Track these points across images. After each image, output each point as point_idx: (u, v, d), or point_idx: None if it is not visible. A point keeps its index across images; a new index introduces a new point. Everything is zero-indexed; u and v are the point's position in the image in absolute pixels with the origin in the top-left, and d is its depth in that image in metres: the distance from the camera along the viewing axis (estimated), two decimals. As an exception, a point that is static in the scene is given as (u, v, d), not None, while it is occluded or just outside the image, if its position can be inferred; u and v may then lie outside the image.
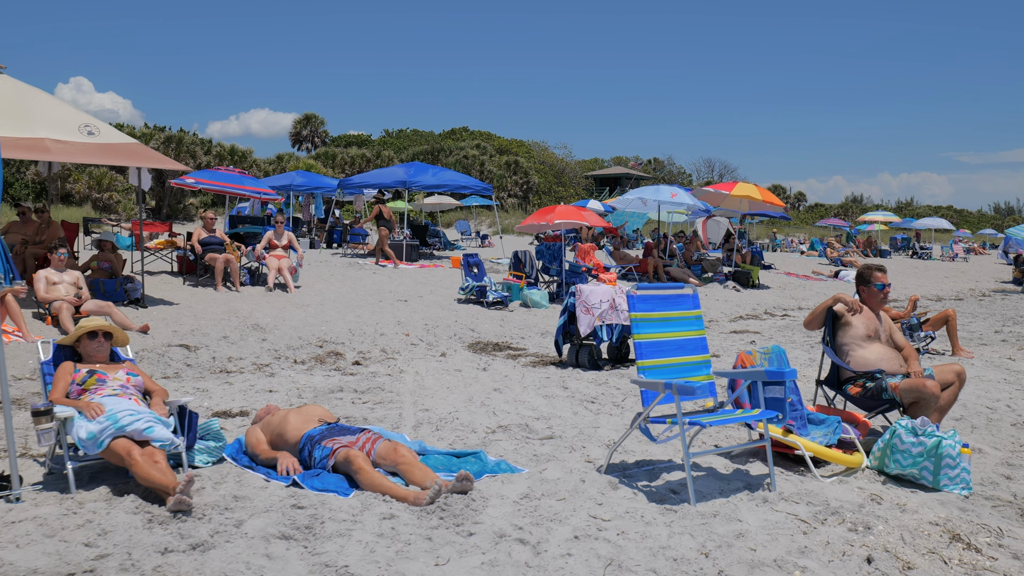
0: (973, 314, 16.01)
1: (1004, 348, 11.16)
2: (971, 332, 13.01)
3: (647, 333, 4.93)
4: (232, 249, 13.33)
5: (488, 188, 20.65)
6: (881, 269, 6.23)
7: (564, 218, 14.28)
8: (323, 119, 68.48)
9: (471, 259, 14.16)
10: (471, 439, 5.95)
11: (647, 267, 18.29)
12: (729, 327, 13.34)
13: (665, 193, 18.24)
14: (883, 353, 5.93)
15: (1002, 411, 7.27)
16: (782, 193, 77.13)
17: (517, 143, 72.38)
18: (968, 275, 27.97)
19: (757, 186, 19.07)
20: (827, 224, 42.55)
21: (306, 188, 24.20)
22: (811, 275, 22.97)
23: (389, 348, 10.19)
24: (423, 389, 7.93)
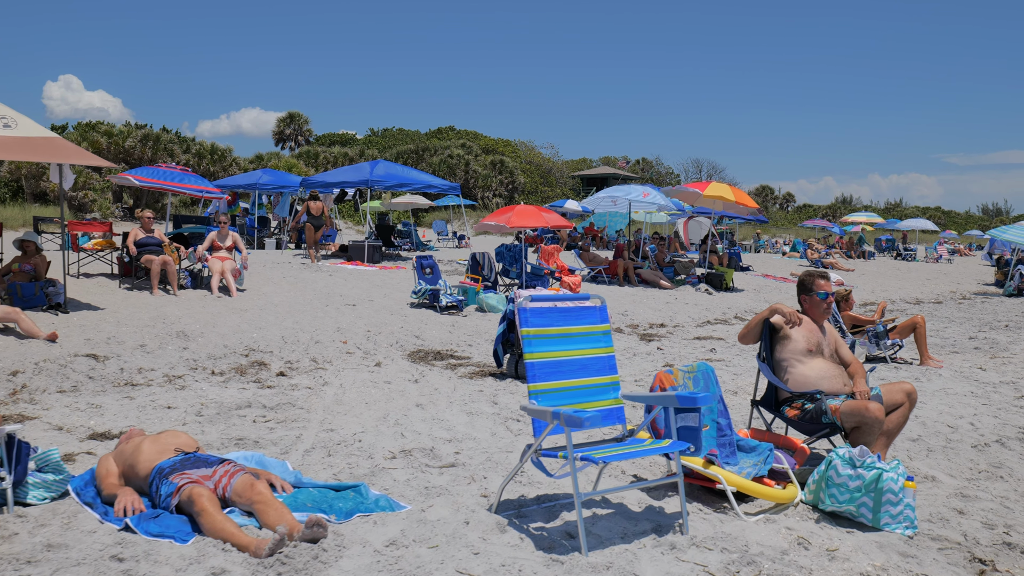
0: (950, 318, 15.43)
1: (976, 356, 10.56)
2: (944, 338, 12.42)
3: (542, 352, 4.28)
4: (171, 250, 12.64)
5: (456, 187, 20.00)
6: (824, 276, 5.60)
7: (522, 218, 13.64)
8: (307, 118, 67.73)
9: (424, 261, 13.50)
10: (362, 467, 5.30)
11: (617, 269, 17.66)
12: (694, 332, 12.73)
13: (637, 192, 17.63)
14: (825, 370, 5.30)
15: (964, 430, 6.65)
16: (770, 194, 76.78)
17: (504, 143, 71.73)
18: (951, 277, 27.44)
19: (731, 186, 18.47)
20: (813, 225, 41.96)
21: (272, 187, 23.49)
22: (789, 277, 22.38)
23: (321, 357, 9.53)
24: (339, 405, 7.28)
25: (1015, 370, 9.54)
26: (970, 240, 53.06)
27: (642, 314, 14.35)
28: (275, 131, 67.26)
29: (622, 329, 12.71)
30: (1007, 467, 5.68)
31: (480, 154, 63.26)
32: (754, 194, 75.54)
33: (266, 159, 54.99)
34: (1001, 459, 5.88)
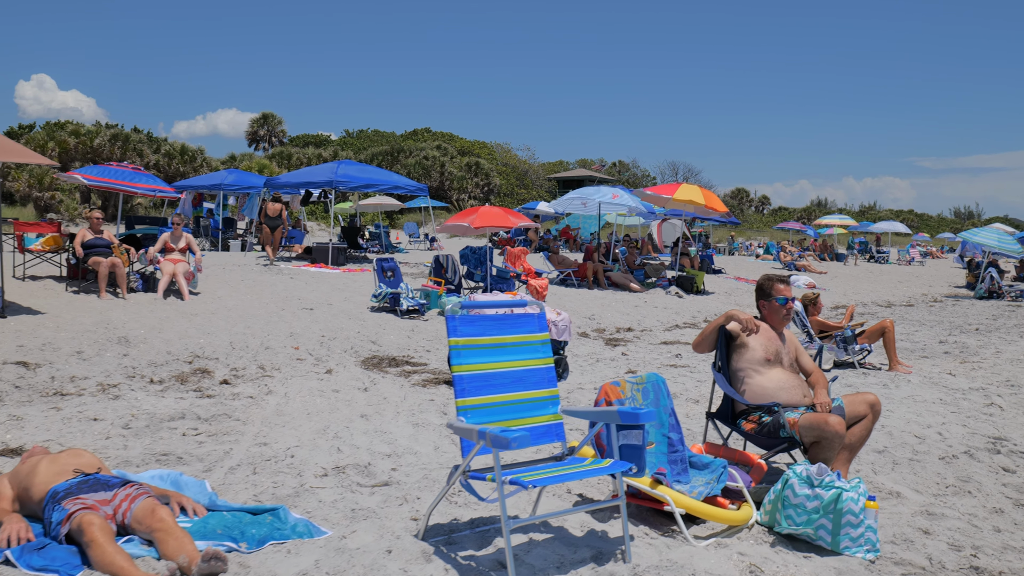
0: (921, 322, 15.24)
1: (946, 361, 10.32)
2: (915, 343, 12.20)
3: (472, 363, 3.92)
4: (120, 252, 12.16)
5: (424, 189, 19.59)
6: (783, 281, 5.29)
7: (486, 219, 13.29)
8: (281, 119, 66.97)
9: (385, 263, 13.11)
10: (287, 486, 4.91)
11: (586, 272, 17.34)
12: (661, 337, 12.42)
13: (606, 194, 17.33)
14: (783, 380, 4.98)
15: (932, 441, 6.36)
16: (745, 197, 76.93)
17: (480, 144, 71.37)
18: (922, 280, 27.38)
19: (701, 188, 18.22)
20: (787, 227, 41.92)
21: (238, 188, 22.97)
22: (761, 280, 22.16)
23: (270, 364, 9.11)
24: (279, 416, 6.89)
25: (985, 375, 9.30)
26: (942, 243, 53.31)
27: (609, 318, 14.03)
28: (248, 132, 66.47)
29: (588, 334, 12.38)
30: (975, 481, 5.39)
31: (456, 156, 62.89)
32: (729, 197, 75.66)
33: (239, 160, 54.27)
34: (969, 472, 5.59)
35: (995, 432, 6.74)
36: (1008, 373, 9.53)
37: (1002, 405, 7.80)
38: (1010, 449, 6.24)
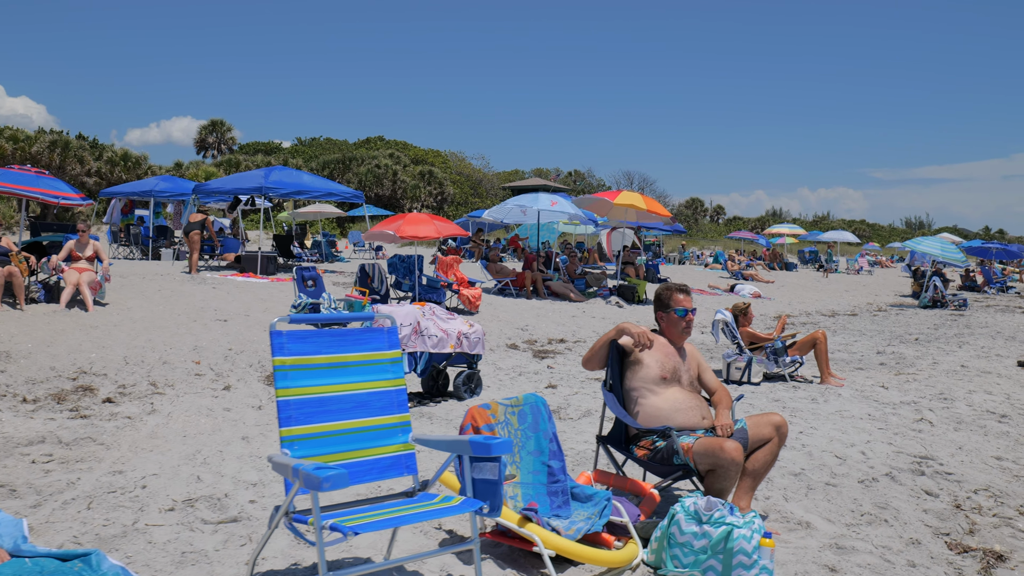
0: (862, 331, 14.97)
1: (880, 373, 9.98)
2: (852, 353, 11.87)
3: (302, 386, 3.37)
4: (18, 260, 11.39)
5: (359, 195, 18.97)
6: (683, 290, 4.81)
7: (413, 226, 12.74)
8: (230, 125, 65.78)
9: (306, 272, 12.50)
10: (119, 524, 4.31)
11: (524, 281, 16.86)
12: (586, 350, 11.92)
13: (545, 201, 16.87)
14: (680, 401, 4.50)
15: (853, 461, 5.93)
16: (700, 206, 77.17)
17: (434, 153, 70.83)
18: (869, 288, 27.35)
19: (643, 195, 17.85)
20: (738, 237, 41.93)
21: (169, 194, 22.16)
22: (707, 289, 21.88)
23: (163, 380, 8.46)
24: (152, 439, 6.27)
25: (918, 388, 8.95)
26: (892, 252, 53.82)
27: (543, 329, 13.54)
28: (197, 139, 65.13)
29: (517, 345, 11.87)
30: (893, 508, 4.95)
31: (409, 164, 62.26)
32: (684, 206, 75.89)
33: (185, 168, 53.06)
34: (888, 497, 5.15)
35: (922, 451, 6.34)
36: (942, 386, 9.20)
37: (932, 420, 7.42)
38: (935, 470, 5.83)
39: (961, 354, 11.98)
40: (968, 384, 9.40)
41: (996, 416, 7.82)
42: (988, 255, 31.29)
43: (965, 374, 10.11)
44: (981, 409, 8.09)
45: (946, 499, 5.22)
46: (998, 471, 5.98)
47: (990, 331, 15.60)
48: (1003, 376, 10.10)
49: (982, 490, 5.45)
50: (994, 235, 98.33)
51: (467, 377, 8.07)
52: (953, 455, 6.31)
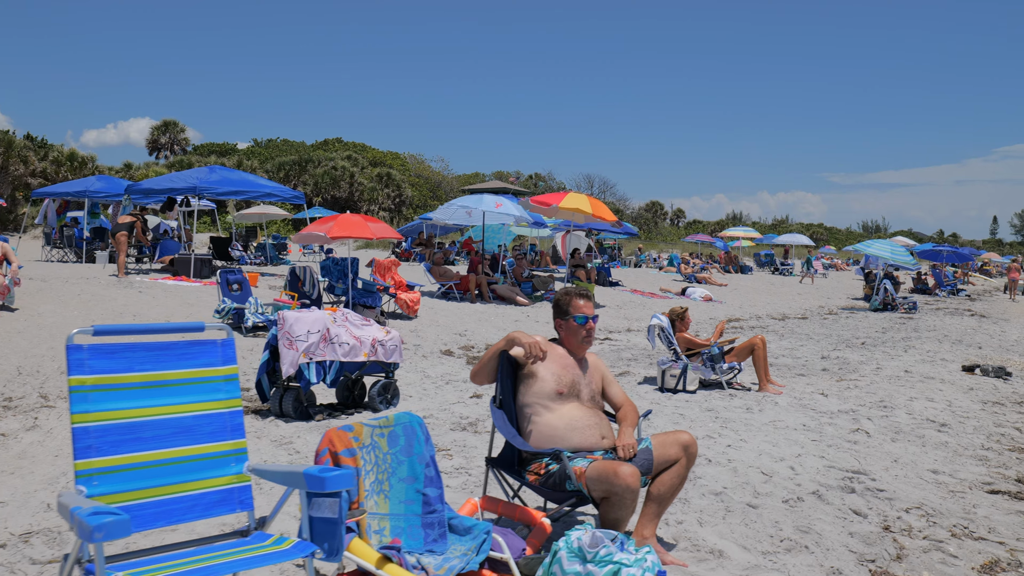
0: (809, 335, 14.69)
1: (822, 379, 9.65)
2: (796, 358, 11.55)
3: (107, 410, 2.86)
4: (-83, 264, 10.68)
5: (300, 196, 18.36)
6: (584, 295, 4.36)
7: (345, 228, 12.20)
8: (184, 126, 64.51)
9: (231, 275, 11.90)
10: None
11: (468, 284, 16.38)
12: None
13: (489, 203, 16.41)
14: (578, 418, 4.05)
15: (780, 478, 5.54)
16: (659, 210, 77.27)
17: (392, 155, 70.13)
18: (823, 291, 27.28)
19: (589, 197, 17.46)
20: (695, 240, 41.87)
21: (104, 195, 21.34)
22: (658, 292, 21.57)
23: (57, 392, 7.83)
24: (20, 459, 5.69)
25: (858, 395, 8.62)
26: (848, 255, 54.16)
27: (483, 334, 13.08)
28: (149, 140, 63.77)
29: (453, 351, 11.38)
30: (816, 531, 4.55)
31: (367, 166, 61.57)
32: (644, 209, 75.93)
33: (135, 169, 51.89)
34: (812, 520, 4.75)
35: (854, 464, 5.97)
36: (884, 392, 8.88)
37: (869, 431, 7.07)
38: (867, 486, 5.45)
39: (906, 359, 11.73)
40: (910, 391, 9.10)
41: (936, 425, 7.50)
42: (939, 258, 31.43)
43: (908, 380, 9.82)
44: (921, 417, 7.77)
45: (875, 520, 4.83)
46: (933, 486, 5.62)
47: (937, 335, 15.43)
48: (946, 382, 9.83)
49: (914, 508, 5.08)
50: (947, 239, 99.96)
51: (383, 387, 7.57)
52: (887, 469, 5.94)
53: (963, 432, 7.33)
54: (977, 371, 10.70)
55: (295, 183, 57.59)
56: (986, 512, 5.13)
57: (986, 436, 7.27)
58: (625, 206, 76.96)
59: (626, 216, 73.01)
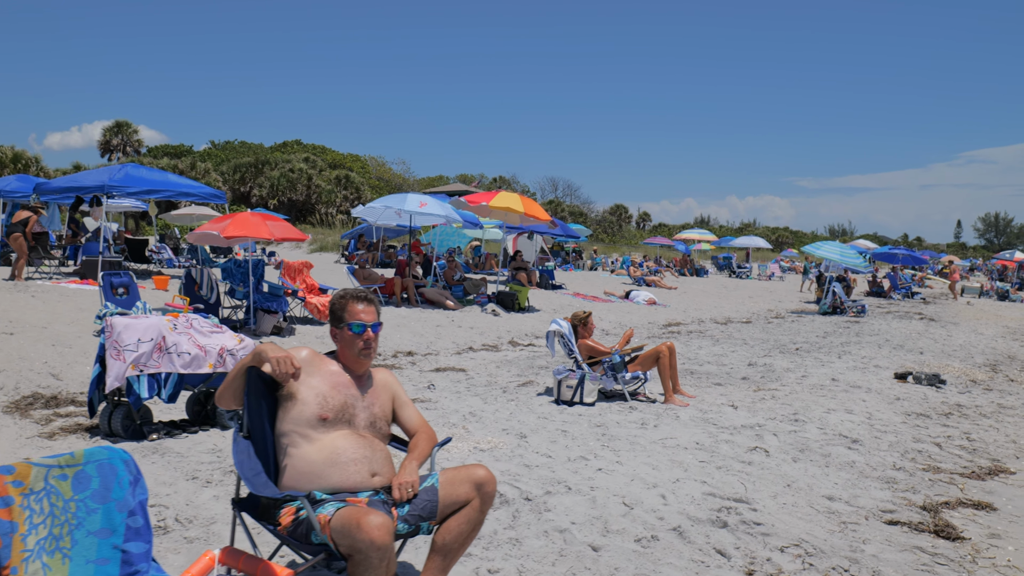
0: (745, 340, 14.01)
1: (738, 389, 8.94)
2: (722, 365, 10.84)
3: None
4: None
5: (220, 195, 17.41)
6: (363, 298, 3.56)
7: (241, 227, 11.32)
8: (137, 127, 62.64)
9: (115, 278, 10.99)
10: None
11: (394, 288, 15.54)
12: (443, 362, 10.68)
13: (413, 202, 15.59)
14: (344, 450, 3.26)
15: (644, 510, 4.77)
16: (624, 213, 76.76)
17: (352, 158, 69.11)
18: (776, 294, 26.74)
19: (522, 197, 16.70)
20: (654, 243, 41.31)
21: (21, 195, 20.23)
22: (602, 296, 20.85)
23: None
24: None
25: (771, 408, 7.91)
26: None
27: (397, 340, 12.26)
28: (100, 141, 61.97)
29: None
30: (659, 582, 3.78)
31: (325, 169, 60.53)
32: (608, 212, 75.40)
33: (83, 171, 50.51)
34: (661, 564, 3.99)
35: (738, 491, 5.23)
36: (801, 403, 8.19)
37: (770, 448, 6.35)
38: (743, 519, 4.70)
39: (838, 365, 11.06)
40: (830, 401, 8.41)
41: (847, 441, 6.80)
42: (895, 261, 31.05)
43: (832, 389, 9.14)
44: (833, 432, 7.06)
45: (739, 562, 4.08)
46: (823, 517, 4.89)
47: (880, 339, 14.83)
48: (872, 391, 9.16)
49: (791, 546, 4.34)
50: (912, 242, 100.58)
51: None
52: (776, 496, 5.20)
53: (876, 449, 6.63)
54: (910, 379, 10.06)
55: (250, 185, 56.46)
56: (876, 550, 4.41)
57: (901, 453, 6.57)
58: (589, 209, 76.49)
59: (590, 219, 72.47)
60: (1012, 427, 7.93)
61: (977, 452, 6.85)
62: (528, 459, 5.76)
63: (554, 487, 5.10)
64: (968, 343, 15.01)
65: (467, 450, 5.96)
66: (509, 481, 5.20)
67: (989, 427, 7.84)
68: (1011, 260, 47.90)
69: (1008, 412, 8.65)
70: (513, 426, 6.81)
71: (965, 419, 8.14)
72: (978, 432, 7.58)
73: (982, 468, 6.32)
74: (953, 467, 6.31)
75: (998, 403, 9.14)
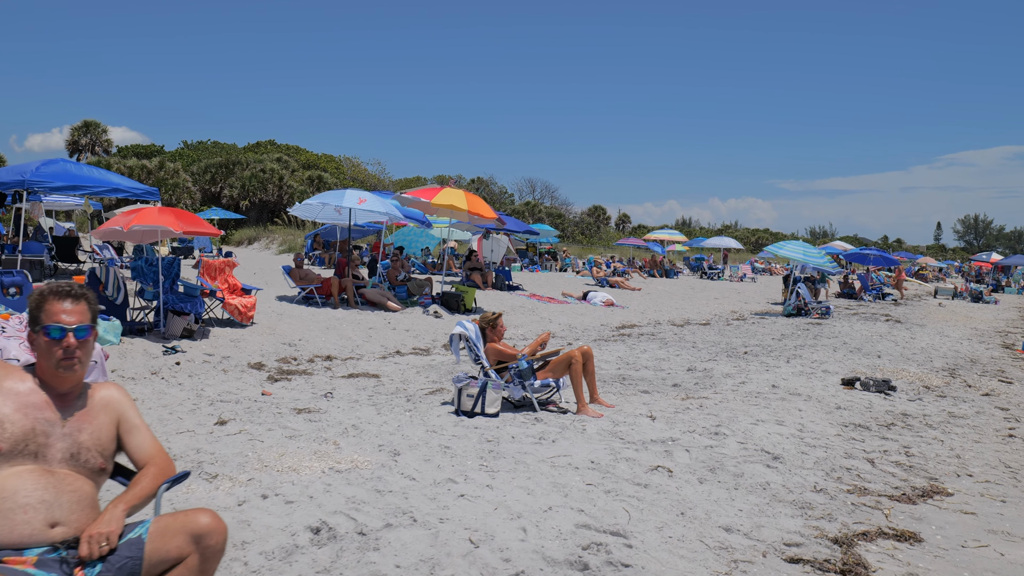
0: (695, 343, 13.29)
1: (666, 398, 8.20)
2: (660, 371, 10.10)
3: None
4: None
5: (154, 192, 16.52)
6: (68, 294, 2.77)
7: (145, 221, 10.51)
8: (106, 127, 61.54)
9: (6, 278, 10.15)
10: None
11: (331, 288, 14.74)
12: (360, 367, 9.89)
13: (352, 198, 14.78)
14: (21, 493, 2.49)
15: (491, 549, 4.00)
16: (602, 214, 76.10)
17: (327, 158, 68.16)
18: (743, 295, 26.08)
19: (466, 193, 15.94)
20: (628, 244, 40.64)
21: (-48, 193, 19.29)
22: (557, 297, 20.10)
23: None
24: None
25: (692, 418, 7.17)
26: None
27: (322, 343, 11.46)
28: (69, 141, 60.77)
29: (264, 364, 9.73)
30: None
31: (298, 169, 59.60)
32: (586, 214, 74.74)
33: (47, 170, 49.30)
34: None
35: (618, 523, 4.47)
36: (728, 414, 7.45)
37: (675, 468, 5.60)
38: (611, 558, 3.95)
39: (783, 370, 10.35)
40: (762, 411, 7.69)
41: (768, 458, 6.06)
42: (866, 262, 30.47)
43: (768, 397, 8.42)
44: (755, 447, 6.32)
45: (585, 619, 3.32)
46: (712, 555, 4.14)
47: (838, 341, 14.14)
48: (812, 399, 8.45)
49: (659, 595, 3.58)
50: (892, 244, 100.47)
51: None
52: (662, 527, 4.45)
53: (798, 467, 5.89)
54: (857, 385, 9.36)
55: (221, 186, 55.47)
56: (762, 597, 3.66)
57: (826, 472, 5.84)
58: (567, 211, 75.82)
59: (568, 220, 71.78)
60: (959, 439, 7.23)
61: (914, 469, 6.13)
62: (386, 482, 4.98)
63: (397, 518, 4.33)
64: (930, 346, 14.35)
65: (319, 472, 5.17)
66: (348, 511, 4.42)
67: (933, 439, 7.13)
68: (987, 262, 47.64)
69: (958, 422, 7.95)
70: (392, 441, 6.04)
71: (908, 430, 7.42)
72: (920, 446, 6.87)
73: (915, 489, 5.60)
74: (883, 488, 5.58)
75: (949, 411, 8.44)
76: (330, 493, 4.73)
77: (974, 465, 6.39)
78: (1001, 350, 14.54)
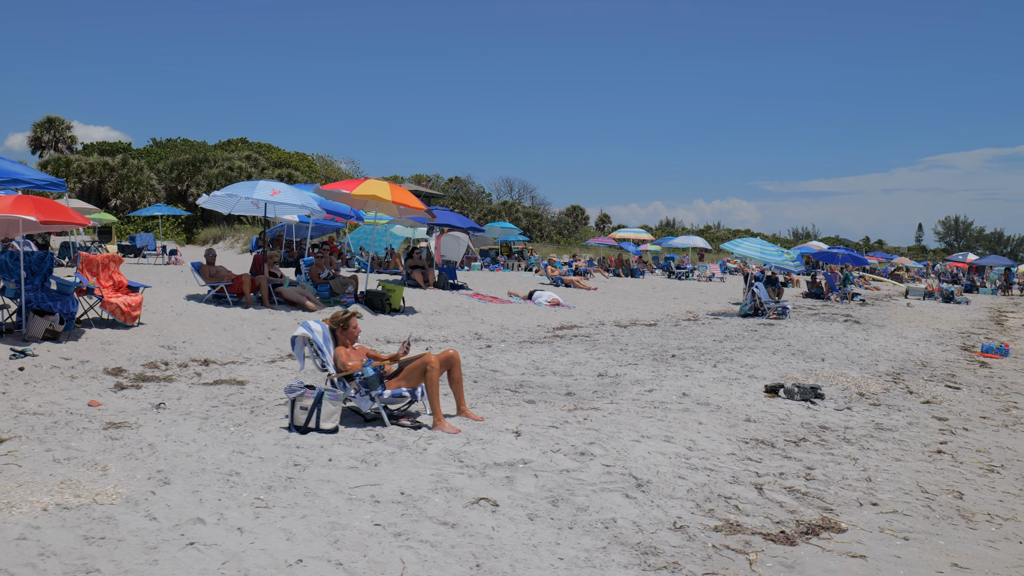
0: (627, 346, 12.28)
1: (551, 408, 7.18)
2: (569, 375, 9.09)
3: None
4: None
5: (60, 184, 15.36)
6: None
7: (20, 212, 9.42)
8: (70, 123, 60.09)
9: None
10: None
11: (243, 286, 13.66)
12: (247, 372, 8.85)
13: (264, 190, 13.73)
14: None
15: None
16: (580, 214, 75.10)
17: (299, 156, 66.97)
18: (707, 295, 25.11)
19: (391, 184, 14.86)
20: (596, 244, 39.68)
21: None
22: (502, 297, 19.06)
23: None
24: None
25: (563, 435, 6.15)
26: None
27: (207, 346, 10.41)
28: (31, 137, 59.26)
29: (124, 369, 8.67)
30: None
31: (268, 167, 58.41)
32: (564, 214, 73.78)
33: (6, 168, 47.97)
34: None
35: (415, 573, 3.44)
36: (612, 428, 6.45)
37: (502, 500, 4.59)
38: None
39: (705, 375, 9.36)
40: (655, 424, 6.68)
41: (631, 485, 5.05)
42: (835, 261, 29.57)
43: (670, 407, 7.42)
44: (621, 471, 5.32)
45: None
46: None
47: (782, 343, 13.18)
48: (721, 409, 7.46)
49: None
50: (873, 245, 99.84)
51: None
52: (439, 587, 3.42)
53: (665, 496, 4.89)
54: (781, 392, 8.38)
55: (187, 184, 54.22)
56: None
57: (697, 503, 4.83)
58: (545, 211, 74.88)
59: (546, 220, 70.82)
60: (877, 457, 6.25)
61: (808, 498, 5.13)
62: (112, 525, 3.95)
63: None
64: (882, 348, 13.40)
65: (38, 509, 4.12)
66: (15, 568, 3.38)
67: (845, 458, 6.15)
68: (963, 262, 46.93)
69: (883, 435, 6.98)
70: (176, 466, 4.99)
71: (821, 446, 6.44)
72: (826, 466, 5.88)
73: (800, 524, 4.61)
74: (760, 523, 4.58)
75: (877, 423, 7.47)
76: (22, 541, 3.68)
77: (884, 490, 5.41)
78: (958, 352, 13.61)
